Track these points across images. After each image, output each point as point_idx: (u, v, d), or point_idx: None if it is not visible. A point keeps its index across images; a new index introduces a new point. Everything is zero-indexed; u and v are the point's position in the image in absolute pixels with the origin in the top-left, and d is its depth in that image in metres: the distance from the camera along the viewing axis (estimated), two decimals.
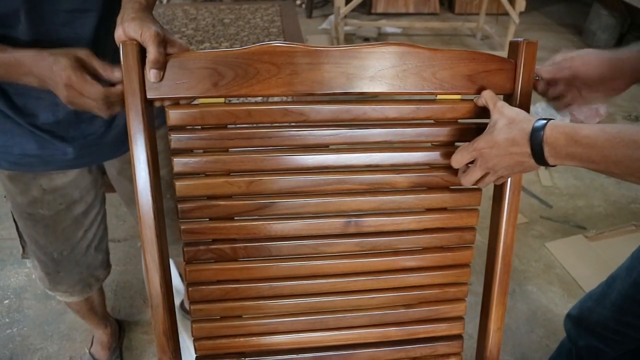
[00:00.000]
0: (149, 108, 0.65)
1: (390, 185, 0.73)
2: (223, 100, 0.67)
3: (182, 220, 0.70)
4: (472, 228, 0.76)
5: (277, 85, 0.66)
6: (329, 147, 0.71)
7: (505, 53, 0.71)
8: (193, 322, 0.75)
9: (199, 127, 0.67)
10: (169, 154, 0.68)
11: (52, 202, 0.94)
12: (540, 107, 2.58)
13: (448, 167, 0.70)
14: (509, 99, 0.70)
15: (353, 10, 3.43)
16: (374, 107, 0.69)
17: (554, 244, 1.83)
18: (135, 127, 0.63)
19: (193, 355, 0.78)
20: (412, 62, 0.67)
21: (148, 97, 0.64)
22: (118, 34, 0.61)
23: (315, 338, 0.78)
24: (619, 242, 1.83)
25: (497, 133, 0.61)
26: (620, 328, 0.95)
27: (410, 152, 0.72)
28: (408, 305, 0.78)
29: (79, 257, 1.05)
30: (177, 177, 0.68)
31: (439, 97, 0.70)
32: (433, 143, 0.72)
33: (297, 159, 0.70)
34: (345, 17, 3.38)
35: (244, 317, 0.76)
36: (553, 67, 0.74)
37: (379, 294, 0.77)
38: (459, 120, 0.72)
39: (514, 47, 0.68)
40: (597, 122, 2.60)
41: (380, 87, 0.68)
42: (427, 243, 0.76)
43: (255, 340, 0.77)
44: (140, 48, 0.61)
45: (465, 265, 0.78)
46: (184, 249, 0.71)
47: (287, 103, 0.68)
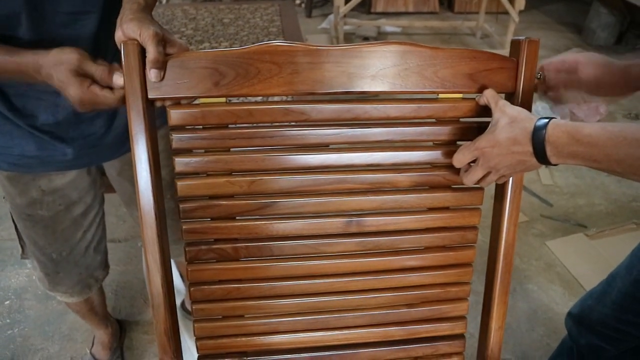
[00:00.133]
0: (150, 108, 0.65)
1: (392, 185, 0.73)
2: (224, 100, 0.66)
3: (183, 220, 0.70)
4: (474, 227, 0.76)
5: (278, 85, 0.66)
6: (330, 146, 0.70)
7: (505, 52, 0.71)
8: (195, 321, 0.75)
9: (200, 126, 0.67)
10: (170, 154, 0.68)
11: (51, 203, 0.94)
12: (541, 106, 2.58)
13: (450, 166, 0.70)
14: (511, 98, 0.70)
15: (352, 10, 3.42)
16: (375, 106, 0.69)
17: (555, 243, 1.83)
18: (137, 127, 0.63)
19: (194, 356, 0.78)
20: (413, 61, 0.67)
21: (149, 97, 0.63)
22: (118, 35, 0.61)
23: (317, 338, 0.78)
24: (620, 240, 1.83)
25: (498, 132, 0.61)
26: (621, 326, 0.95)
27: (412, 151, 0.72)
28: (410, 305, 0.78)
29: (78, 258, 1.05)
30: (178, 176, 0.68)
31: (441, 96, 0.70)
32: (435, 142, 0.72)
33: (298, 159, 0.70)
34: (345, 16, 3.38)
35: (246, 316, 0.76)
36: (560, 63, 0.75)
37: (381, 294, 0.77)
38: (461, 119, 0.72)
39: (516, 45, 0.68)
40: (597, 120, 2.60)
41: (382, 86, 0.68)
42: (428, 242, 0.76)
43: (257, 340, 0.77)
44: (141, 48, 0.61)
45: (467, 265, 0.78)
46: (186, 249, 0.71)
47: (288, 102, 0.68)
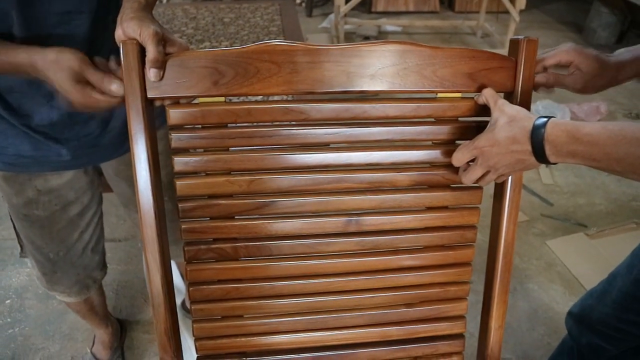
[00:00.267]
0: (150, 107, 0.65)
1: (391, 184, 0.73)
2: (223, 99, 0.66)
3: (182, 220, 0.70)
4: (473, 226, 0.76)
5: (277, 84, 0.66)
6: (330, 145, 0.70)
7: (506, 51, 0.70)
8: (194, 321, 0.75)
9: (200, 126, 0.67)
10: (169, 155, 0.68)
11: (47, 203, 0.94)
12: (541, 105, 2.57)
13: (449, 165, 0.70)
14: (510, 97, 0.70)
15: (353, 9, 3.42)
16: (375, 105, 0.69)
17: (555, 242, 1.83)
18: (136, 126, 0.63)
19: (194, 355, 0.78)
20: (412, 60, 0.67)
21: (148, 96, 0.63)
22: (118, 34, 0.61)
23: (316, 338, 0.78)
24: (620, 239, 1.82)
25: (497, 131, 0.61)
26: (622, 325, 0.95)
27: (411, 150, 0.72)
28: (409, 305, 0.78)
29: (75, 258, 1.04)
30: (177, 176, 0.68)
31: (440, 95, 0.70)
32: (434, 141, 0.72)
33: (297, 158, 0.70)
34: (345, 15, 3.38)
35: (245, 316, 0.76)
36: (555, 59, 0.76)
37: (380, 293, 0.77)
38: (460, 119, 0.71)
39: (515, 44, 0.68)
40: (597, 119, 2.60)
41: (381, 85, 0.68)
42: (427, 242, 0.76)
43: (256, 340, 0.77)
44: (141, 47, 0.61)
45: (467, 264, 0.78)
46: (185, 249, 0.71)
47: (287, 102, 0.68)
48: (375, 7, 4.24)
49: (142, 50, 0.61)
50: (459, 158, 0.67)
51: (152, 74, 0.61)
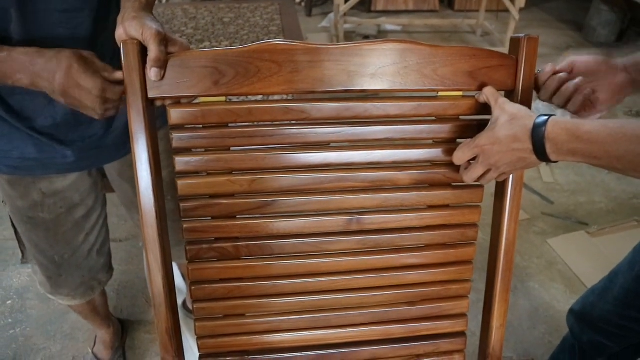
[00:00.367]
0: (151, 107, 0.65)
1: (392, 183, 0.73)
2: (224, 99, 0.67)
3: (184, 219, 0.70)
4: (474, 225, 0.76)
5: (278, 84, 0.66)
6: (330, 144, 0.70)
7: (506, 50, 0.70)
8: (196, 320, 0.75)
9: (200, 125, 0.67)
10: (170, 155, 0.68)
11: (52, 205, 0.93)
12: (542, 103, 2.57)
13: (450, 164, 0.70)
14: (511, 95, 0.70)
15: (353, 8, 3.42)
16: (375, 104, 0.69)
17: (556, 241, 1.83)
18: (137, 126, 0.63)
19: (195, 355, 0.78)
20: (413, 59, 0.67)
21: (149, 96, 0.64)
22: (119, 34, 0.61)
23: (318, 336, 0.78)
24: (621, 237, 1.82)
25: (498, 129, 0.61)
26: (623, 322, 0.95)
27: (412, 149, 0.72)
28: (410, 303, 0.78)
29: (81, 260, 1.04)
30: (179, 176, 0.68)
31: (440, 94, 0.70)
32: (435, 140, 0.72)
33: (298, 157, 0.70)
34: (345, 15, 3.38)
35: (247, 315, 0.76)
36: (566, 95, 0.73)
37: (382, 292, 0.77)
38: (461, 117, 0.72)
39: (515, 43, 0.68)
40: (598, 118, 2.60)
41: (382, 84, 0.68)
42: (429, 240, 0.76)
43: (259, 339, 0.77)
44: (141, 47, 0.61)
45: (468, 262, 0.78)
46: (187, 248, 0.71)
47: (288, 101, 0.68)
48: (375, 6, 4.23)
49: (142, 50, 0.61)
50: (460, 157, 0.67)
51: (153, 74, 0.62)
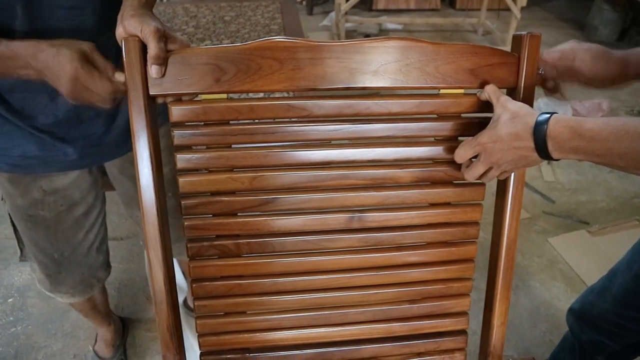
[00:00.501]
0: (152, 105, 0.65)
1: (394, 181, 0.73)
2: (225, 96, 0.66)
3: (185, 217, 0.70)
4: (475, 223, 0.76)
5: (279, 81, 0.65)
6: (332, 142, 0.70)
7: (507, 48, 0.70)
8: (197, 318, 0.75)
9: (202, 123, 0.67)
10: (171, 153, 0.68)
11: (52, 203, 0.93)
12: (543, 102, 2.57)
13: (451, 161, 0.70)
14: (512, 93, 0.70)
15: (354, 7, 3.42)
16: (377, 102, 0.69)
17: (557, 239, 1.83)
18: (138, 123, 0.63)
19: (196, 352, 0.78)
20: (414, 56, 0.67)
21: (150, 93, 0.63)
22: (119, 32, 0.61)
23: (319, 334, 0.78)
24: (622, 236, 1.82)
25: (500, 127, 0.61)
26: (622, 321, 0.95)
27: (414, 147, 0.72)
28: (412, 301, 0.78)
29: (80, 258, 1.04)
30: (180, 173, 0.68)
31: (442, 91, 0.70)
32: (436, 138, 0.72)
33: (300, 155, 0.70)
34: (346, 13, 3.38)
35: (248, 313, 0.76)
36: (559, 53, 0.74)
37: (383, 290, 0.77)
38: (462, 115, 0.71)
39: (518, 40, 0.68)
40: (599, 117, 2.59)
41: (383, 81, 0.67)
42: (430, 238, 0.76)
43: (260, 336, 0.77)
44: (142, 44, 0.61)
45: (469, 260, 0.78)
46: (188, 245, 0.71)
47: (289, 98, 0.68)
48: (376, 5, 4.23)
49: (143, 48, 0.61)
50: (462, 154, 0.67)
51: (153, 71, 0.61)
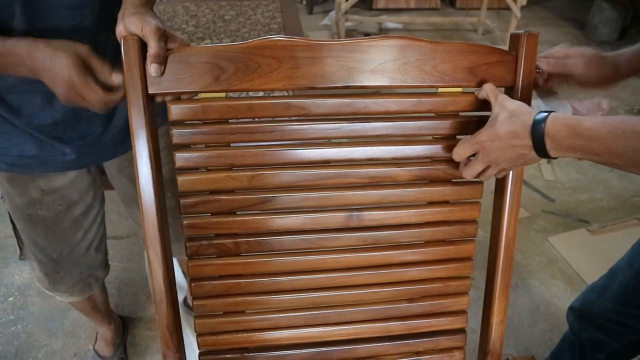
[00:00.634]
0: (151, 103, 0.65)
1: (392, 179, 0.73)
2: (224, 95, 0.67)
3: (184, 216, 0.70)
4: (474, 221, 0.76)
5: (278, 80, 0.66)
6: (331, 141, 0.71)
7: (507, 47, 0.70)
8: (196, 317, 0.75)
9: (201, 121, 0.67)
10: (170, 152, 0.68)
11: (51, 203, 0.93)
12: (541, 101, 2.57)
13: (449, 160, 0.70)
14: (510, 92, 0.70)
15: (354, 6, 3.42)
16: (375, 100, 0.69)
17: (557, 238, 1.83)
18: (137, 122, 0.63)
19: (196, 351, 0.78)
20: (413, 55, 0.67)
21: (149, 92, 0.64)
22: (119, 30, 0.61)
23: (318, 333, 0.78)
24: (622, 235, 1.82)
25: (498, 126, 0.61)
26: (622, 319, 0.95)
27: (412, 145, 0.72)
28: (410, 300, 0.78)
29: (79, 257, 1.04)
30: (179, 172, 0.68)
31: (440, 90, 0.70)
32: (434, 136, 0.72)
33: (298, 153, 0.70)
34: (346, 13, 3.37)
35: (247, 312, 0.76)
36: (555, 61, 0.75)
37: (381, 288, 0.77)
38: (460, 113, 0.72)
39: (515, 39, 0.68)
40: (599, 116, 2.59)
41: (381, 80, 0.68)
42: (429, 236, 0.76)
43: (258, 336, 0.77)
44: (142, 43, 0.61)
45: (468, 259, 0.78)
46: (187, 244, 0.71)
47: (288, 97, 0.68)
48: (376, 4, 4.23)
49: (143, 46, 0.61)
50: (460, 153, 0.67)
51: (153, 69, 0.62)
